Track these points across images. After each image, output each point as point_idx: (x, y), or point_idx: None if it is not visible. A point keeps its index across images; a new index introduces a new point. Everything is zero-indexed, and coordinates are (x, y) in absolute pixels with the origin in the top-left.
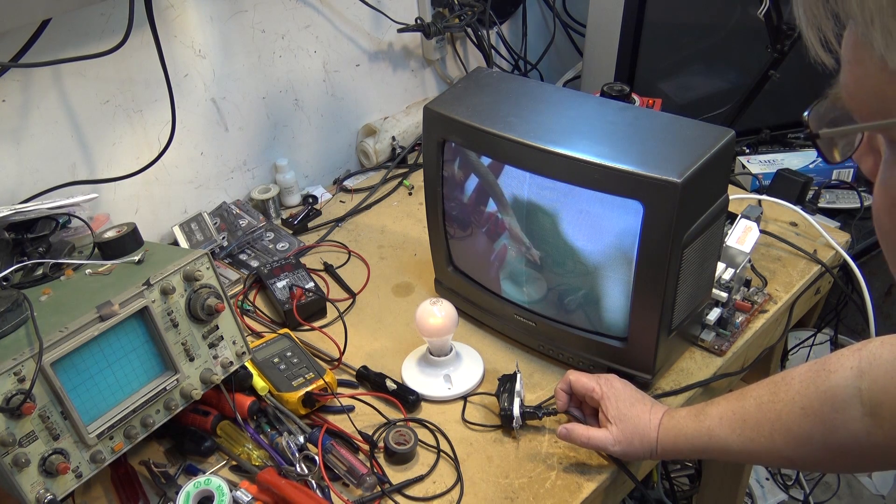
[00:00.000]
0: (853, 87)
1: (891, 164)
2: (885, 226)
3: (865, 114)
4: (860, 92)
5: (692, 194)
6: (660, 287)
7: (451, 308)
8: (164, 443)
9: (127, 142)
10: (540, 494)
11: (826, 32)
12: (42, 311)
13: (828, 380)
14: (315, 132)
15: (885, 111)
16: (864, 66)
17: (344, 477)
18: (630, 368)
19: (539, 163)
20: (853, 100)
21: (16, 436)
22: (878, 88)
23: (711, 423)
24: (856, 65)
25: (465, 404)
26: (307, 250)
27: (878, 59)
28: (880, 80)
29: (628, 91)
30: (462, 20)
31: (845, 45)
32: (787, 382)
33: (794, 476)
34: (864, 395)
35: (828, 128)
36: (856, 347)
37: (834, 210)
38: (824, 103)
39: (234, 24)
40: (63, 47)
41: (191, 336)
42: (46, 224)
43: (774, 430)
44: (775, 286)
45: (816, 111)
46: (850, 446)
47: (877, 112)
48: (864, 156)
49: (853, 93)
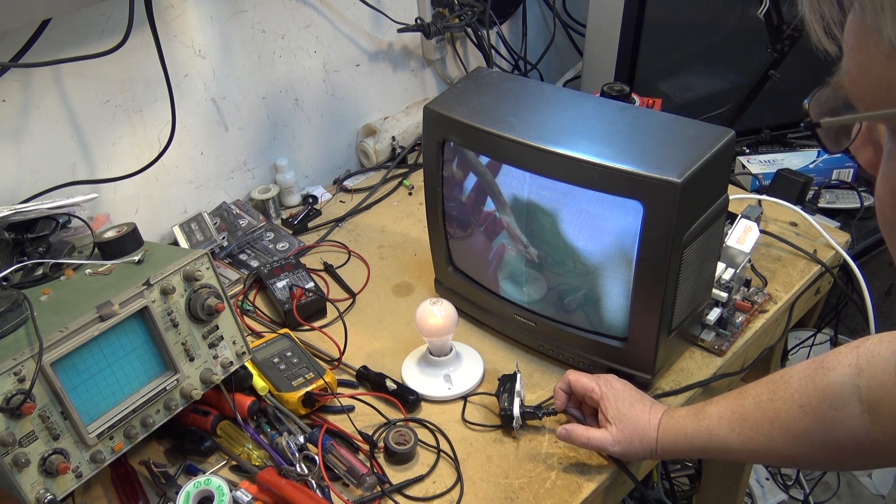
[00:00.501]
0: (856, 75)
1: (893, 156)
2: (888, 217)
3: (868, 103)
4: (864, 80)
5: (692, 194)
6: (660, 287)
7: (451, 308)
8: (164, 443)
9: (127, 142)
10: (540, 494)
11: (829, 19)
12: (42, 311)
13: (826, 377)
14: (315, 132)
15: (889, 100)
16: (869, 53)
17: (344, 477)
18: (630, 368)
19: (539, 163)
20: (856, 88)
21: (16, 436)
22: (883, 77)
23: (711, 423)
24: (860, 52)
25: (465, 404)
26: (307, 250)
27: (886, 47)
28: (886, 69)
29: (628, 91)
30: (462, 20)
31: (848, 33)
32: (786, 381)
33: (794, 476)
34: (863, 392)
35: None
36: (854, 345)
37: (834, 210)
38: (825, 91)
39: (234, 24)
40: (63, 47)
41: (191, 336)
42: (46, 224)
43: (773, 429)
44: (775, 286)
45: (817, 99)
46: (848, 444)
47: (880, 101)
48: (862, 147)
49: (856, 81)
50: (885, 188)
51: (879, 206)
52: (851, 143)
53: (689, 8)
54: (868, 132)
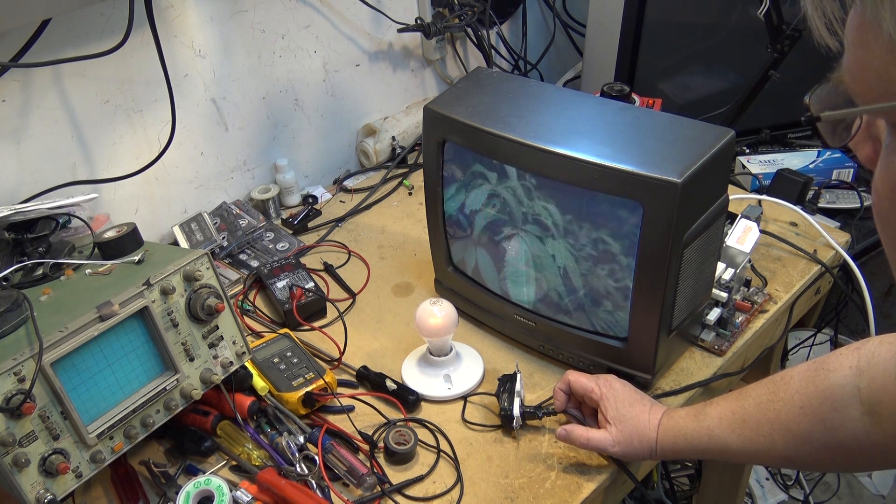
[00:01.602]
0: (857, 70)
1: (892, 149)
2: (884, 212)
3: (868, 97)
4: (864, 75)
5: (692, 194)
6: (660, 287)
7: (451, 308)
8: (164, 443)
9: (127, 142)
10: (540, 494)
11: (830, 16)
12: (42, 311)
13: (827, 379)
14: (315, 132)
15: (888, 94)
16: (869, 48)
17: (344, 477)
18: (630, 368)
19: (539, 163)
20: (856, 83)
21: (16, 436)
22: (883, 71)
23: (711, 424)
24: (860, 47)
25: (465, 404)
26: (307, 250)
27: (886, 41)
28: (886, 63)
29: (628, 91)
30: (462, 20)
31: (849, 28)
32: (787, 382)
33: (794, 476)
34: (863, 393)
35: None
36: (854, 346)
37: (834, 210)
38: (826, 87)
39: (234, 24)
40: (63, 47)
41: (191, 336)
42: (46, 224)
43: (774, 430)
44: (775, 286)
45: (818, 95)
46: (849, 445)
47: (880, 95)
48: (862, 143)
49: (857, 75)
50: (883, 181)
51: (877, 199)
52: (851, 138)
53: (689, 8)
54: (868, 128)
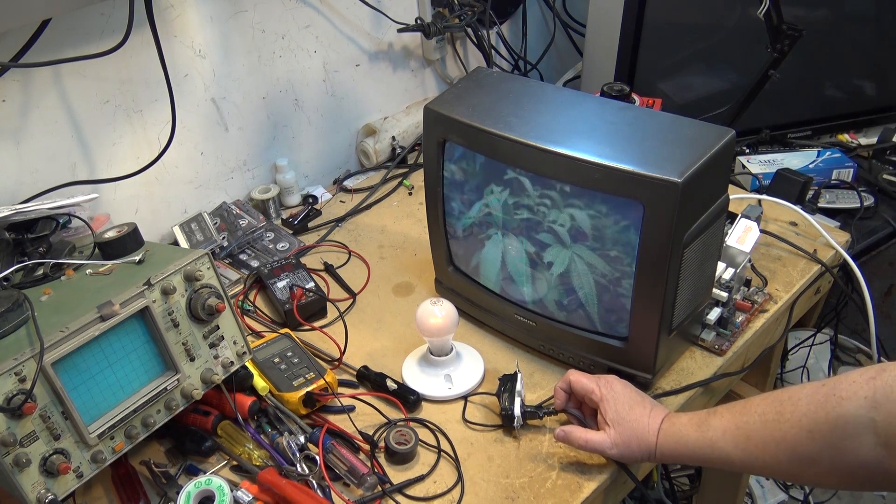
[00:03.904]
0: None
1: None
2: None
3: None
4: None
5: (692, 194)
6: (660, 287)
7: (451, 308)
8: (164, 443)
9: (127, 142)
10: (540, 494)
11: None
12: (43, 311)
13: (839, 406)
14: (315, 132)
15: None
16: None
17: (345, 477)
18: (630, 368)
19: (539, 163)
20: None
21: (17, 436)
22: None
23: (714, 436)
24: None
25: (466, 404)
26: (307, 250)
27: None
28: None
29: (628, 91)
30: (462, 20)
31: None
32: (794, 402)
33: None
34: (879, 426)
35: None
36: (869, 376)
37: (834, 210)
38: None
39: (234, 24)
40: (63, 47)
41: (191, 336)
42: (47, 224)
43: (780, 450)
44: (775, 286)
45: None
46: (860, 471)
47: None
48: None
49: None
50: None
51: None
52: None
53: (689, 8)
54: None
